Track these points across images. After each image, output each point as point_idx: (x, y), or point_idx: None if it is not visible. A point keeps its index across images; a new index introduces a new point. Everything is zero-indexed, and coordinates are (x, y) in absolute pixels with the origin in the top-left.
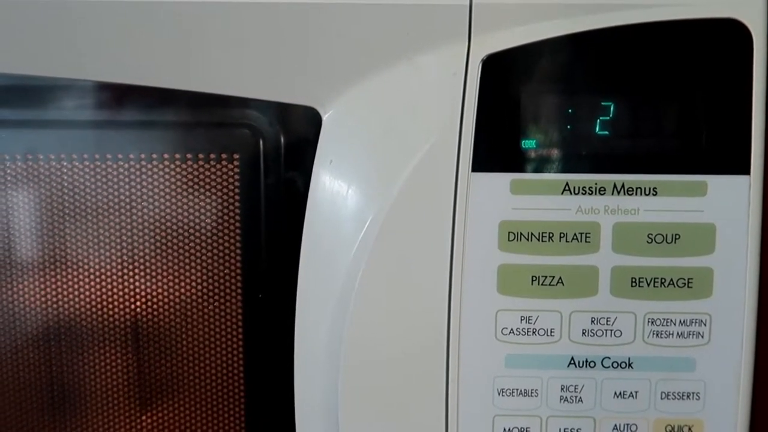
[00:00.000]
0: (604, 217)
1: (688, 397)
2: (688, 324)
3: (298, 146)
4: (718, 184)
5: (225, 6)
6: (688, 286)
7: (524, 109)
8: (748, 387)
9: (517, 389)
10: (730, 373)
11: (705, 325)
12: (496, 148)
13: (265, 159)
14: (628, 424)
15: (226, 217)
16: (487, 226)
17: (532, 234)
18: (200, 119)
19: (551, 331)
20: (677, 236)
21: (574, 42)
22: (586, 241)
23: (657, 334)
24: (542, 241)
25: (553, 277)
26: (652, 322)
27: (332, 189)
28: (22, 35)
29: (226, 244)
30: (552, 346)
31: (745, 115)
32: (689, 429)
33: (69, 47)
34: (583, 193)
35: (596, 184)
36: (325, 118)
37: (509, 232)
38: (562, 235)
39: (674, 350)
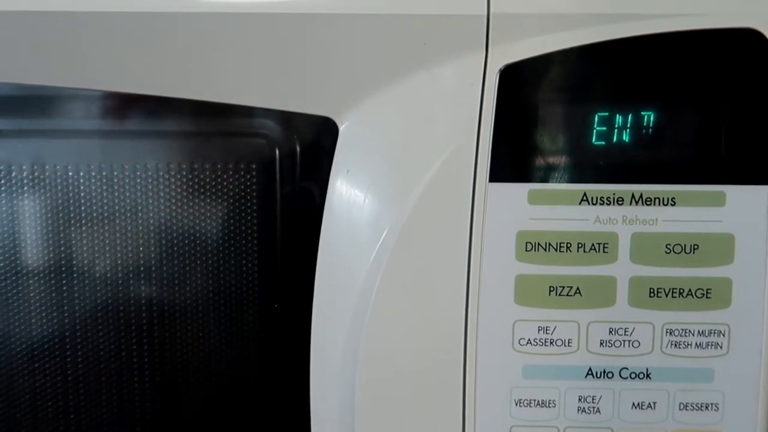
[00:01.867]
0: (622, 227)
1: (706, 408)
2: (706, 334)
3: (315, 156)
4: (736, 194)
5: (241, 17)
6: (706, 297)
7: (542, 119)
8: (767, 397)
9: (534, 400)
10: (749, 384)
11: (724, 335)
12: (513, 158)
13: (281, 169)
14: None
15: (242, 227)
16: (505, 237)
17: (549, 244)
18: (217, 129)
19: (569, 342)
20: (696, 246)
21: (591, 52)
22: (604, 252)
23: (675, 345)
24: (560, 251)
25: (571, 287)
26: (671, 333)
27: (349, 199)
28: (36, 45)
29: (243, 253)
30: (570, 356)
31: (764, 125)
32: None
33: (85, 58)
34: (601, 204)
35: (614, 194)
36: (342, 128)
37: (527, 243)
38: (579, 245)
39: (693, 361)
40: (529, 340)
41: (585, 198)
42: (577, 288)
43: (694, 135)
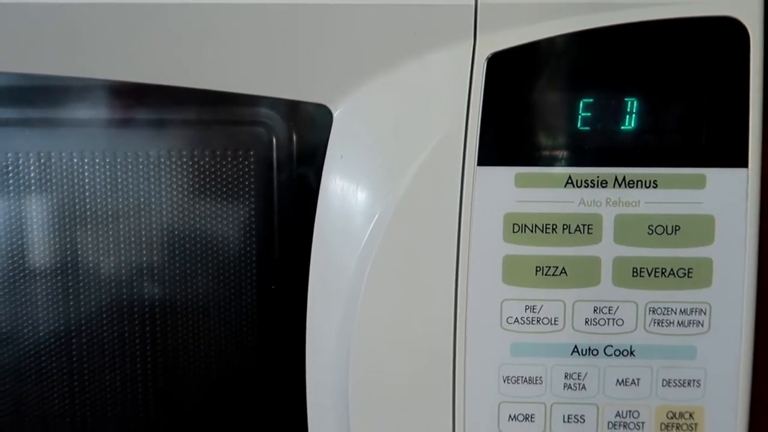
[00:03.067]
0: (605, 209)
1: (689, 384)
2: (688, 313)
3: (310, 143)
4: (716, 176)
5: (238, 7)
6: (688, 276)
7: (528, 104)
8: (747, 374)
9: (522, 377)
10: (730, 361)
11: (705, 314)
12: (501, 142)
13: (278, 155)
14: (630, 411)
15: (240, 212)
16: (493, 219)
17: (536, 226)
18: (217, 117)
19: (555, 320)
20: (677, 227)
21: (576, 40)
22: (588, 233)
23: (658, 323)
24: (546, 232)
25: (557, 267)
26: (653, 311)
27: (343, 184)
28: (38, 36)
29: (241, 238)
30: (556, 334)
31: (743, 109)
32: (690, 415)
33: (84, 48)
34: (585, 186)
35: (598, 177)
36: (335, 115)
37: (514, 224)
38: (565, 226)
39: (675, 338)
40: (516, 318)
41: (570, 181)
42: (563, 268)
43: (675, 120)
